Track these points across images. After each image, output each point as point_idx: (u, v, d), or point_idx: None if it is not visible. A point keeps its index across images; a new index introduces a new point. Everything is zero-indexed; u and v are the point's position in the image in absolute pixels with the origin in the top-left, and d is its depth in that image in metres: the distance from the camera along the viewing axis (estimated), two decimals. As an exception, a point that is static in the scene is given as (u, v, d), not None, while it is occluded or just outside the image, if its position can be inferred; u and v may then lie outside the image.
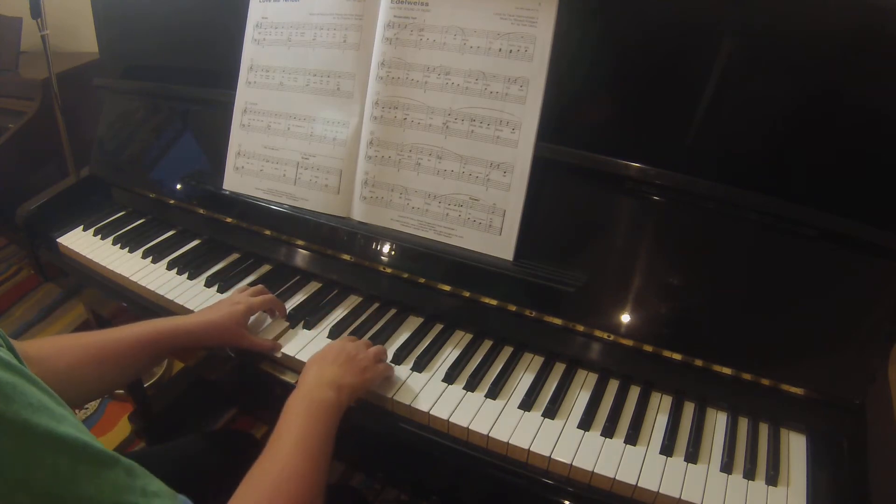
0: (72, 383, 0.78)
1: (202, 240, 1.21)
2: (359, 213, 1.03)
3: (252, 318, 0.95)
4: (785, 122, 0.84)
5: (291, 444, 0.66)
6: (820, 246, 0.81)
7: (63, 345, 0.80)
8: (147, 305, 1.08)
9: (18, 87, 2.01)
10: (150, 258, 1.15)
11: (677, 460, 0.78)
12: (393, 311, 1.02)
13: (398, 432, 0.84)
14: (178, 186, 1.22)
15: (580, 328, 0.90)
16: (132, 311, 1.10)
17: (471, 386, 0.86)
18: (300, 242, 1.09)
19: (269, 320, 0.99)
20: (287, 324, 0.98)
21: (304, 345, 0.94)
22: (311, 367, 0.80)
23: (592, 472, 0.75)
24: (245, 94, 1.12)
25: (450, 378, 0.88)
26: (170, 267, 1.12)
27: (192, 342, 0.90)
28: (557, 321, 0.91)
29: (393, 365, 0.89)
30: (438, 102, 0.95)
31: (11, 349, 0.50)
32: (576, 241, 0.92)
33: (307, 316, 0.99)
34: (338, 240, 1.04)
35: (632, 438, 0.80)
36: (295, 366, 0.92)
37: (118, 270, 1.12)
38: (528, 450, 0.78)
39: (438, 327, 0.98)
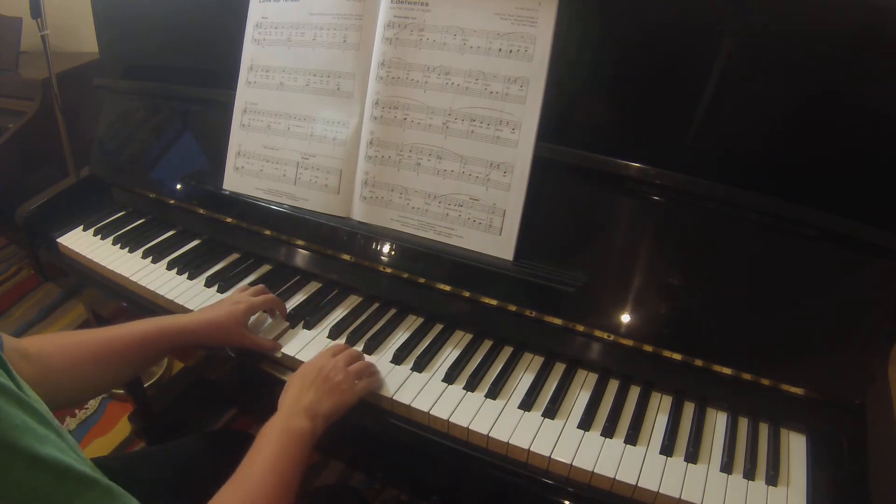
0: (73, 381, 0.78)
1: (202, 240, 1.21)
2: (359, 213, 1.03)
3: (252, 317, 0.95)
4: (785, 122, 0.84)
5: (264, 468, 0.68)
6: (820, 246, 0.81)
7: (64, 342, 0.80)
8: (147, 305, 1.08)
9: (18, 87, 2.01)
10: (150, 258, 1.15)
11: (677, 460, 0.78)
12: (393, 311, 1.01)
13: (398, 432, 0.84)
14: (178, 186, 1.22)
15: (580, 328, 0.90)
16: (132, 311, 1.09)
17: (471, 386, 0.86)
18: (300, 242, 1.09)
19: (269, 320, 0.99)
20: (287, 324, 0.98)
21: (304, 345, 0.94)
22: (290, 387, 0.80)
23: (592, 472, 0.75)
24: (245, 94, 1.12)
25: (450, 378, 0.88)
26: (170, 267, 1.12)
27: (193, 340, 0.90)
28: (557, 321, 0.91)
29: (380, 376, 0.87)
30: (438, 102, 0.95)
31: (2, 364, 0.51)
32: (576, 241, 0.92)
33: (307, 316, 0.99)
34: (338, 240, 1.04)
35: (632, 438, 0.80)
36: (295, 366, 0.92)
37: (118, 270, 1.12)
38: (528, 450, 0.78)
39: (438, 327, 0.98)
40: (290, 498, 0.68)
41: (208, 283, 1.08)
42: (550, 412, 0.83)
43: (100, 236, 1.22)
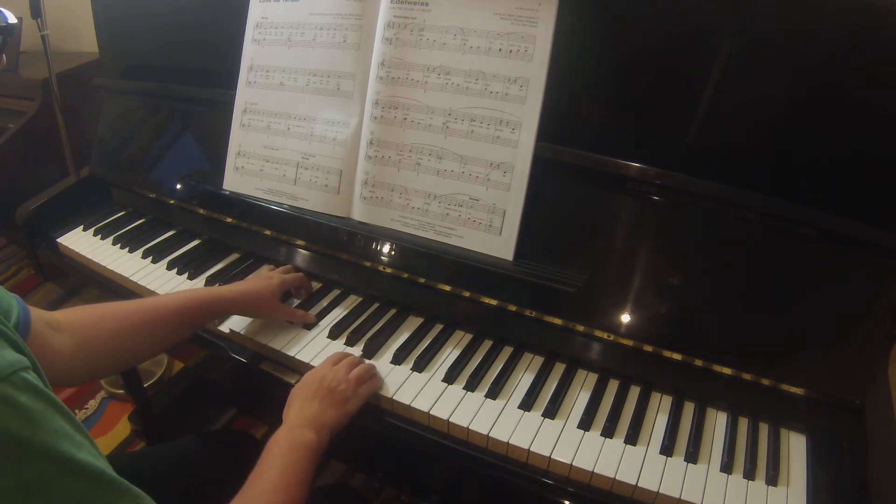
0: (113, 349, 0.80)
1: (202, 240, 1.21)
2: (359, 213, 1.03)
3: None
4: (785, 122, 0.84)
5: (271, 484, 0.68)
6: (820, 246, 0.81)
7: (102, 312, 0.81)
8: (147, 305, 1.08)
9: (18, 87, 2.01)
10: (150, 258, 1.15)
11: (677, 460, 0.78)
12: (393, 311, 1.01)
13: (398, 432, 0.84)
14: (178, 186, 1.22)
15: (580, 328, 0.90)
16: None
17: (471, 386, 0.86)
18: (300, 242, 1.09)
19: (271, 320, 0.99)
20: (286, 324, 0.98)
21: (304, 345, 0.94)
22: (293, 400, 0.80)
23: (592, 472, 0.75)
24: (245, 94, 1.12)
25: (450, 378, 0.88)
26: (170, 267, 1.12)
27: (231, 309, 0.96)
28: (557, 321, 0.91)
29: (380, 377, 0.87)
30: (438, 102, 0.95)
31: (37, 370, 0.51)
32: (576, 241, 0.92)
33: (307, 316, 0.99)
34: (338, 240, 1.04)
35: (632, 438, 0.80)
36: (295, 366, 0.92)
37: (118, 270, 1.12)
38: (528, 450, 0.78)
39: (438, 327, 0.98)
40: None
41: (208, 284, 1.08)
42: (550, 412, 0.83)
43: (100, 236, 1.22)
